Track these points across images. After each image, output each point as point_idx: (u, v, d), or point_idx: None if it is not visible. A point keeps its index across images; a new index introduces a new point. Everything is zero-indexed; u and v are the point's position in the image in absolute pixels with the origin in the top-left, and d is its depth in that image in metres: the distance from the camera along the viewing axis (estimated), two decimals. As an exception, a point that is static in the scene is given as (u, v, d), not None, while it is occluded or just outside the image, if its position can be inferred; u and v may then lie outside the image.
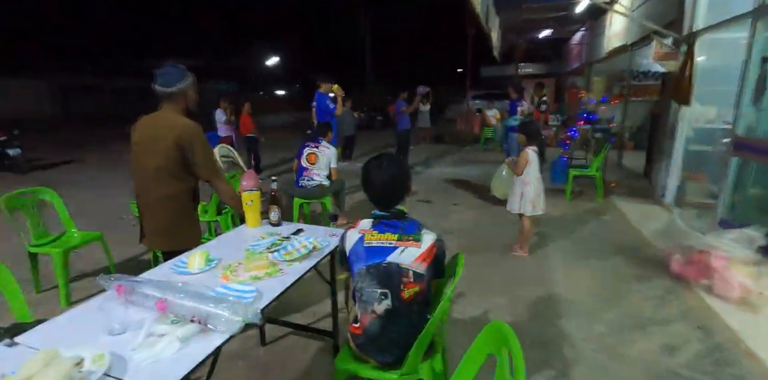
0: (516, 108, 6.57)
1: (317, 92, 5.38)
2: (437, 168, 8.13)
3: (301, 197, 4.16)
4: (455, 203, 5.48)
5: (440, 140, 12.52)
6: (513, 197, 3.56)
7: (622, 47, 7.78)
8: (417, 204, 5.48)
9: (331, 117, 5.36)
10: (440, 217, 4.90)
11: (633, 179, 6.74)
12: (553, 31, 13.00)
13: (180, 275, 1.62)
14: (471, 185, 6.56)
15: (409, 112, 7.75)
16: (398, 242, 1.48)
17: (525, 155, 3.40)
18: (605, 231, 4.33)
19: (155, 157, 2.00)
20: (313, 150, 4.14)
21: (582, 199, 5.59)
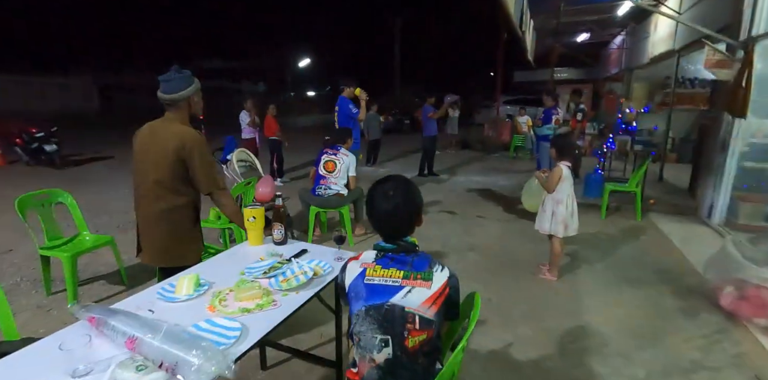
0: (551, 117, 6.22)
1: (340, 96, 5.24)
2: (463, 176, 7.85)
3: (318, 206, 4.01)
4: (480, 216, 5.21)
5: (467, 146, 12.19)
6: (543, 215, 3.28)
7: (668, 53, 7.29)
8: (439, 215, 5.24)
9: (354, 122, 5.21)
10: (463, 230, 4.64)
11: (675, 195, 6.26)
12: (590, 34, 12.46)
13: (165, 301, 1.47)
14: (498, 197, 6.25)
15: (435, 118, 7.52)
16: (405, 280, 1.28)
17: (558, 171, 3.12)
18: (644, 254, 3.96)
19: (154, 168, 1.87)
20: (331, 158, 3.98)
21: (618, 216, 5.20)
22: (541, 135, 6.45)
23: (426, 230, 4.61)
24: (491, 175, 7.97)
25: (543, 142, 6.43)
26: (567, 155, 3.12)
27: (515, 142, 10.39)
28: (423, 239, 4.23)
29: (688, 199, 5.95)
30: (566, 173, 3.12)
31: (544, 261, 3.56)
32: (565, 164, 3.12)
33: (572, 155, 3.16)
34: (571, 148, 3.13)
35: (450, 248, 4.08)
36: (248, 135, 7.06)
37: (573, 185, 3.19)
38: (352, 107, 5.01)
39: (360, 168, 8.74)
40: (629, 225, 4.86)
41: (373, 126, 8.88)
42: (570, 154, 3.12)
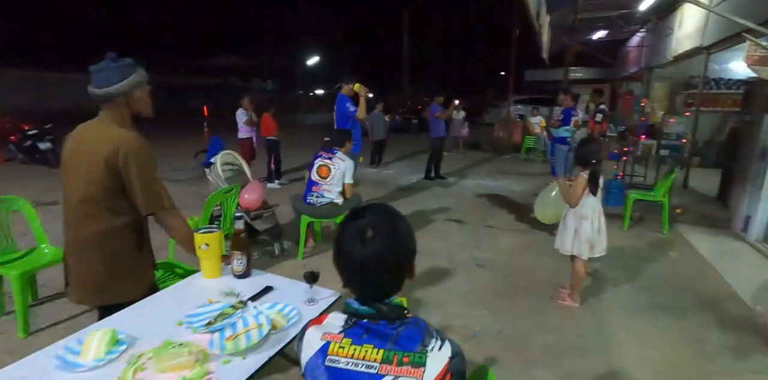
0: (570, 117, 5.75)
1: (338, 94, 4.84)
2: (471, 180, 7.41)
3: (309, 216, 3.61)
4: (490, 225, 4.77)
5: (477, 147, 11.72)
6: (564, 232, 2.84)
7: (694, 50, 6.77)
8: (446, 224, 4.81)
9: (354, 122, 4.80)
10: (472, 242, 4.21)
11: (704, 204, 5.75)
12: (608, 32, 11.91)
13: (64, 371, 1.08)
14: (509, 203, 5.80)
15: (443, 118, 7.08)
16: (384, 365, 0.85)
17: (582, 182, 2.68)
18: (677, 275, 3.50)
19: (84, 181, 1.49)
20: (325, 162, 3.58)
21: (642, 227, 4.73)
22: (558, 137, 5.99)
23: (431, 241, 4.20)
24: (501, 178, 7.51)
25: (559, 144, 5.97)
26: (589, 165, 2.69)
27: (527, 143, 9.91)
28: (427, 253, 3.82)
29: (719, 209, 5.45)
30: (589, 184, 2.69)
31: (563, 281, 3.13)
32: (585, 174, 2.70)
33: (599, 164, 2.71)
34: (593, 156, 2.69)
35: (457, 264, 3.65)
36: (245, 134, 6.69)
37: (601, 198, 2.75)
38: (349, 105, 4.60)
39: (363, 170, 8.46)
40: (656, 238, 4.39)
41: (377, 126, 8.48)
42: (592, 163, 2.68)
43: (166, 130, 9.24)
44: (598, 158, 2.68)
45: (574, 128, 5.67)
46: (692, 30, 6.98)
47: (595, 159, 2.67)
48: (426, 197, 6.05)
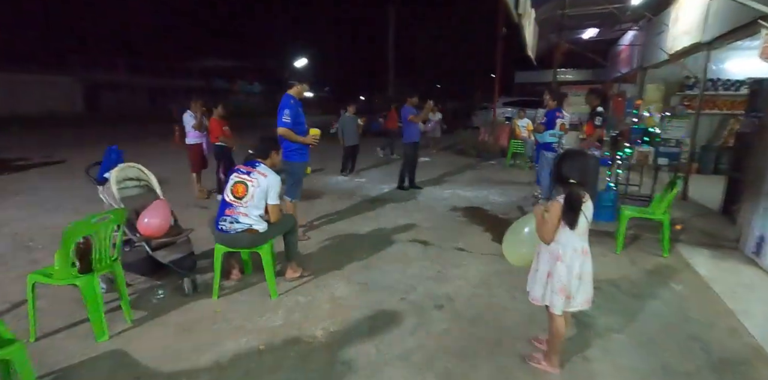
0: (554, 120, 5.08)
1: (285, 95, 4.12)
2: (449, 189, 6.70)
3: (224, 245, 2.88)
4: (460, 247, 4.05)
5: (462, 152, 11.05)
6: (535, 275, 2.13)
7: (693, 47, 6.13)
8: (408, 246, 4.09)
9: (302, 131, 4.08)
10: (435, 272, 3.48)
11: (706, 218, 5.09)
12: (599, 30, 11.31)
13: None
14: (487, 218, 5.09)
15: (416, 121, 6.37)
16: None
17: (557, 210, 1.96)
18: (683, 320, 2.79)
19: None
20: (241, 178, 2.84)
21: (638, 249, 4.04)
22: (543, 142, 5.32)
23: (385, 270, 3.47)
24: (483, 188, 6.81)
25: (545, 151, 5.30)
26: (574, 185, 1.97)
27: (512, 148, 9.23)
28: (376, 287, 3.11)
29: (724, 225, 4.79)
30: None
31: (541, 329, 2.42)
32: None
33: (587, 185, 1.99)
34: (584, 173, 1.97)
35: (410, 303, 2.92)
36: (193, 140, 5.94)
37: (587, 229, 2.03)
38: (287, 111, 3.88)
39: (333, 179, 7.73)
40: (654, 264, 3.69)
41: (349, 130, 7.76)
42: (584, 182, 1.96)
43: (139, 133, 8.47)
44: (582, 177, 1.97)
45: (561, 132, 5.00)
46: (691, 25, 6.34)
47: (577, 178, 1.96)
48: (392, 211, 5.33)
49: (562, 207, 1.93)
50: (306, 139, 4.08)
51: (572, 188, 1.93)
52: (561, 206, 1.94)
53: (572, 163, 1.98)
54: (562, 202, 1.94)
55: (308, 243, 4.12)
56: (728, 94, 8.96)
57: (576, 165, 1.97)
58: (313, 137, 4.12)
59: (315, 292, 3.08)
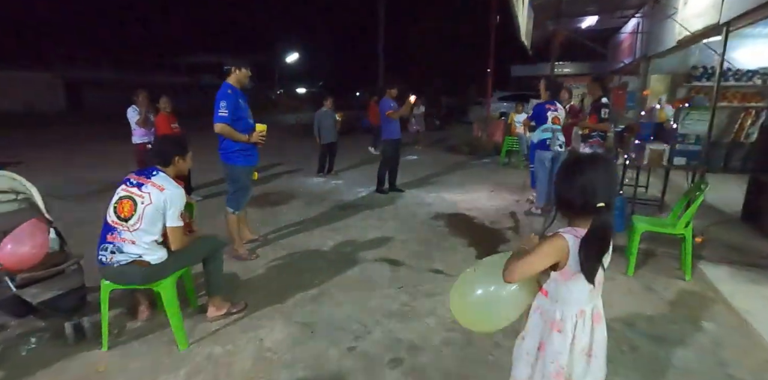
0: (544, 114, 4.37)
1: (223, 84, 3.39)
2: (434, 192, 5.97)
3: (109, 281, 2.15)
4: (437, 269, 3.33)
5: (453, 149, 10.32)
6: (520, 348, 1.40)
7: (709, 29, 5.39)
8: (374, 266, 3.36)
9: (245, 124, 3.36)
10: (398, 307, 2.76)
11: (726, 227, 4.38)
12: (599, 18, 10.56)
13: None
14: (472, 229, 4.38)
15: (395, 118, 5.63)
16: None
17: (556, 250, 1.23)
18: (726, 377, 2.09)
19: None
20: (129, 192, 2.11)
21: (653, 269, 3.33)
22: (536, 140, 4.60)
23: (341, 302, 2.76)
24: (472, 190, 6.09)
25: (539, 150, 4.58)
26: (596, 212, 1.23)
27: (507, 145, 8.50)
28: (325, 329, 2.40)
29: (749, 235, 4.09)
30: (574, 257, 1.23)
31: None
32: (571, 234, 1.24)
33: (609, 212, 1.23)
34: (612, 190, 1.25)
35: (360, 356, 2.21)
36: (139, 139, 5.20)
37: (602, 279, 1.30)
38: (224, 103, 3.17)
39: (308, 180, 6.98)
40: (676, 292, 2.98)
41: (326, 126, 7.01)
42: (610, 205, 1.23)
43: (118, 132, 7.71)
44: (611, 198, 1.23)
45: (556, 126, 4.30)
46: (705, 6, 5.61)
47: (606, 199, 1.21)
48: (365, 221, 4.61)
49: (582, 249, 1.20)
50: (251, 137, 3.36)
51: (600, 217, 1.20)
52: (564, 248, 1.21)
53: (594, 175, 1.21)
54: (570, 243, 1.21)
55: (254, 264, 3.40)
56: (739, 85, 8.25)
57: (600, 178, 1.21)
58: (260, 135, 3.39)
59: (239, 339, 2.36)
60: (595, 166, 1.22)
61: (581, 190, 1.21)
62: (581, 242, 1.20)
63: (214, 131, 3.26)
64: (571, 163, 1.28)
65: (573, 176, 1.23)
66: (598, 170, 1.22)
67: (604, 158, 1.27)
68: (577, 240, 1.21)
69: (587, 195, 1.20)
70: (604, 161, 1.26)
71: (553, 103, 4.50)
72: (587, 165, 1.23)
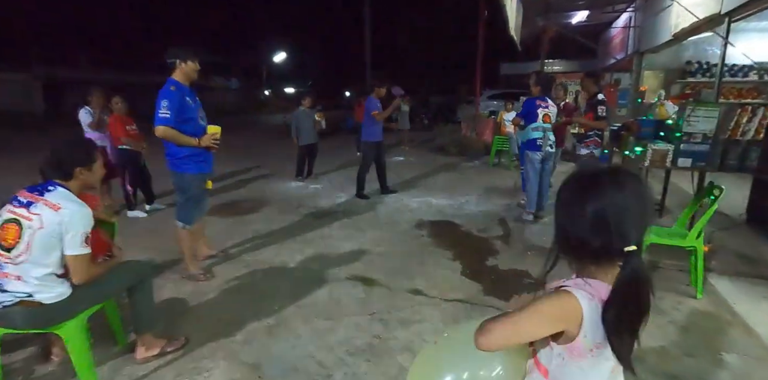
0: (535, 111, 4.01)
1: (167, 80, 2.95)
2: (419, 197, 5.57)
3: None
4: (417, 290, 2.92)
5: (441, 149, 9.95)
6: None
7: (709, 20, 5.05)
8: (345, 287, 2.95)
9: (196, 125, 2.93)
10: (367, 341, 2.35)
11: (732, 232, 4.04)
12: (590, 13, 10.24)
13: None
14: (460, 238, 3.98)
15: (380, 119, 5.25)
16: None
17: (559, 311, 0.83)
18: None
19: None
20: (16, 214, 1.67)
21: (659, 285, 2.95)
22: (527, 140, 4.23)
23: (299, 334, 2.34)
24: (459, 194, 5.69)
25: (529, 151, 4.21)
26: (609, 255, 0.83)
27: (496, 145, 8.13)
28: (274, 372, 1.97)
29: (758, 242, 3.76)
30: (591, 326, 0.83)
31: None
32: (585, 290, 0.83)
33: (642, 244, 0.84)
34: (645, 221, 0.84)
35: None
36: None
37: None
38: (166, 103, 2.75)
39: (285, 185, 6.54)
40: (688, 313, 2.61)
41: (304, 127, 6.57)
42: (641, 243, 0.81)
43: None
44: (638, 236, 0.81)
45: (547, 125, 3.94)
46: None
47: (638, 237, 0.80)
48: (340, 230, 4.19)
49: (608, 316, 0.80)
50: (201, 140, 2.92)
51: (630, 265, 0.80)
52: (578, 310, 0.81)
53: (618, 202, 0.80)
54: (587, 300, 0.81)
55: (207, 286, 2.97)
56: (735, 80, 7.99)
57: (628, 207, 0.80)
58: (212, 138, 2.96)
59: None
60: (620, 187, 0.81)
61: (598, 225, 0.80)
62: (606, 307, 0.80)
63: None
64: (579, 182, 0.86)
65: (584, 204, 0.81)
66: (624, 193, 0.81)
67: (629, 173, 0.86)
68: (593, 301, 0.81)
69: (608, 233, 0.79)
70: (631, 178, 0.84)
71: (545, 99, 4.12)
72: (607, 187, 0.82)
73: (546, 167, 4.26)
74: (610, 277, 0.83)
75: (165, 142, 2.90)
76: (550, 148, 4.14)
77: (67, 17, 24.37)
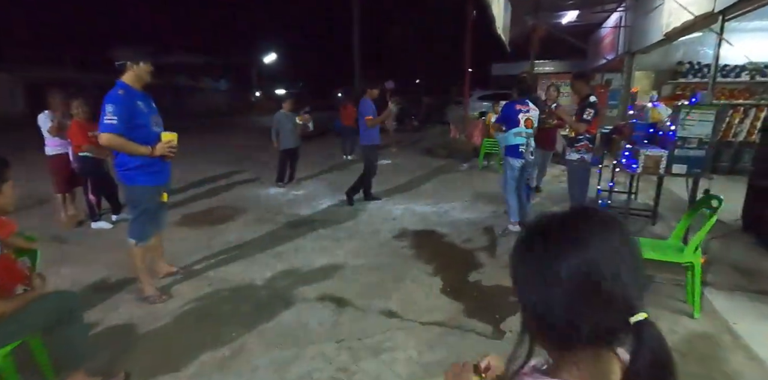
0: (515, 115, 3.80)
1: (116, 84, 2.69)
2: (402, 204, 5.33)
3: None
4: (391, 311, 2.68)
5: (430, 152, 9.73)
6: None
7: (701, 19, 4.87)
8: (312, 308, 2.70)
9: (149, 132, 2.67)
10: (332, 374, 2.11)
11: (729, 242, 3.84)
12: (580, 13, 10.08)
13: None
14: (442, 250, 3.75)
15: (372, 126, 5.06)
16: None
17: None
18: None
19: None
20: None
21: (653, 302, 2.74)
22: (506, 145, 4.03)
23: (254, 367, 2.09)
24: (446, 200, 5.46)
25: (509, 157, 4.00)
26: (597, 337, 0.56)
27: (485, 147, 7.92)
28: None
29: (755, 251, 3.57)
30: None
31: None
32: None
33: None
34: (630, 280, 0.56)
35: None
36: (54, 150, 4.44)
37: None
38: (111, 108, 2.51)
39: (263, 191, 6.23)
40: (684, 336, 2.39)
41: (285, 130, 6.31)
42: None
43: None
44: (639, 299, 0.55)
45: (529, 130, 3.73)
46: (694, -7, 5.09)
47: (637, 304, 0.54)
48: (316, 242, 3.94)
49: None
50: (155, 149, 2.66)
51: (647, 339, 0.52)
52: None
53: (610, 251, 0.55)
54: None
55: (162, 309, 2.70)
56: (727, 81, 7.86)
57: (624, 258, 0.56)
58: (167, 146, 2.70)
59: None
60: (605, 233, 0.56)
61: (586, 292, 0.54)
62: None
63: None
64: (544, 235, 0.59)
65: (558, 265, 0.55)
66: (612, 240, 0.56)
67: (605, 214, 0.59)
68: None
69: (605, 302, 0.55)
70: (611, 220, 0.59)
71: (525, 102, 3.91)
72: (587, 235, 0.56)
73: (523, 175, 4.09)
74: (593, 363, 0.58)
75: (114, 152, 2.65)
76: (530, 155, 3.96)
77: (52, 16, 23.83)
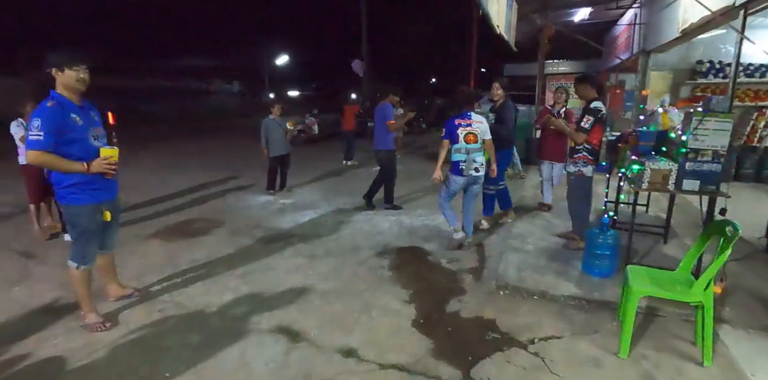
0: (455, 130, 3.75)
1: (50, 95, 2.46)
2: (394, 214, 5.00)
3: None
4: (350, 350, 2.35)
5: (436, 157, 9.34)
6: None
7: (721, 14, 4.41)
8: (263, 342, 2.39)
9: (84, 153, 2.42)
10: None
11: (745, 260, 3.41)
12: (591, 10, 9.59)
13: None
14: (423, 272, 3.40)
15: (393, 130, 4.98)
16: None
17: None
18: None
19: None
20: None
21: (655, 345, 2.36)
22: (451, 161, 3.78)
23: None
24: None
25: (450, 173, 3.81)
26: None
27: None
28: None
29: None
30: None
31: None
32: None
33: None
34: None
35: None
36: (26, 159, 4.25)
37: None
38: (38, 122, 2.29)
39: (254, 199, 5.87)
40: (690, 390, 2.01)
41: (275, 137, 6.05)
42: None
43: None
44: None
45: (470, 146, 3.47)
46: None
47: None
48: (289, 259, 3.64)
49: None
50: (91, 166, 2.40)
51: None
52: None
53: None
54: None
55: (100, 340, 2.44)
56: (751, 81, 7.30)
57: None
58: (105, 162, 2.43)
59: None
60: None
61: None
62: None
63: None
64: None
65: None
66: None
67: None
68: None
69: None
70: None
71: (466, 116, 3.62)
72: None
73: (470, 191, 3.83)
74: None
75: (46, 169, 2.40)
76: (475, 172, 3.63)
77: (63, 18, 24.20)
